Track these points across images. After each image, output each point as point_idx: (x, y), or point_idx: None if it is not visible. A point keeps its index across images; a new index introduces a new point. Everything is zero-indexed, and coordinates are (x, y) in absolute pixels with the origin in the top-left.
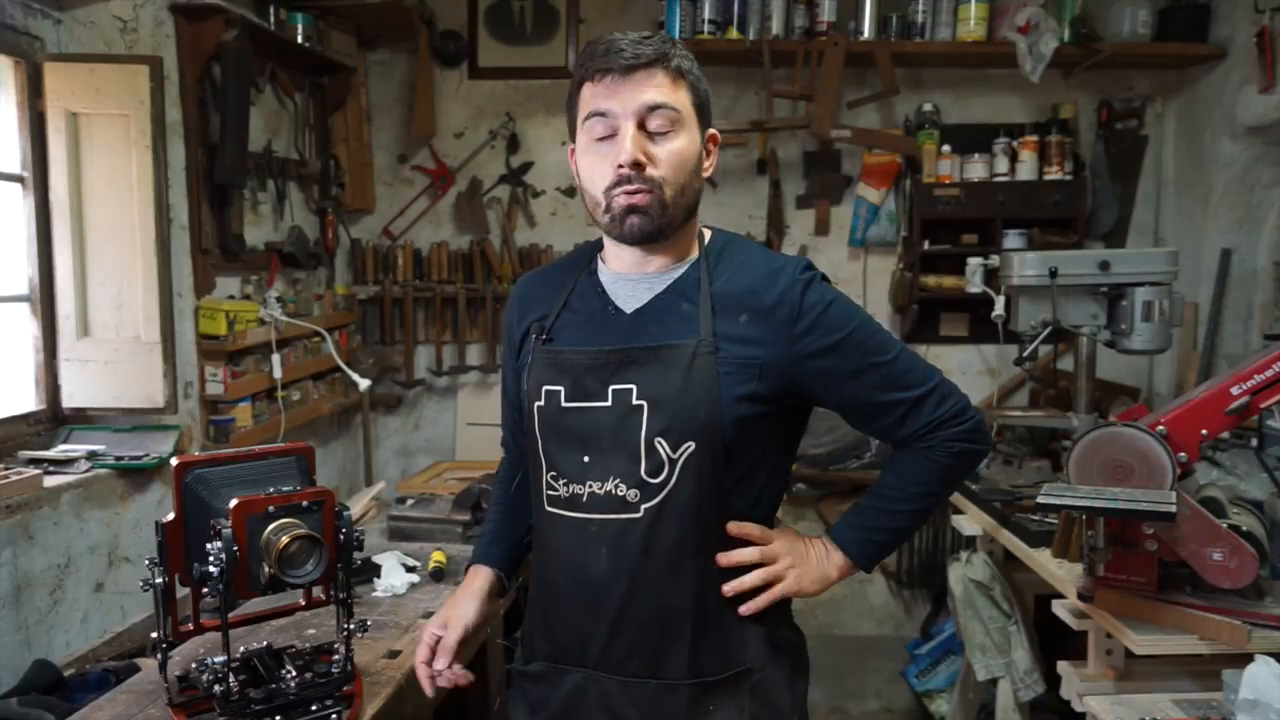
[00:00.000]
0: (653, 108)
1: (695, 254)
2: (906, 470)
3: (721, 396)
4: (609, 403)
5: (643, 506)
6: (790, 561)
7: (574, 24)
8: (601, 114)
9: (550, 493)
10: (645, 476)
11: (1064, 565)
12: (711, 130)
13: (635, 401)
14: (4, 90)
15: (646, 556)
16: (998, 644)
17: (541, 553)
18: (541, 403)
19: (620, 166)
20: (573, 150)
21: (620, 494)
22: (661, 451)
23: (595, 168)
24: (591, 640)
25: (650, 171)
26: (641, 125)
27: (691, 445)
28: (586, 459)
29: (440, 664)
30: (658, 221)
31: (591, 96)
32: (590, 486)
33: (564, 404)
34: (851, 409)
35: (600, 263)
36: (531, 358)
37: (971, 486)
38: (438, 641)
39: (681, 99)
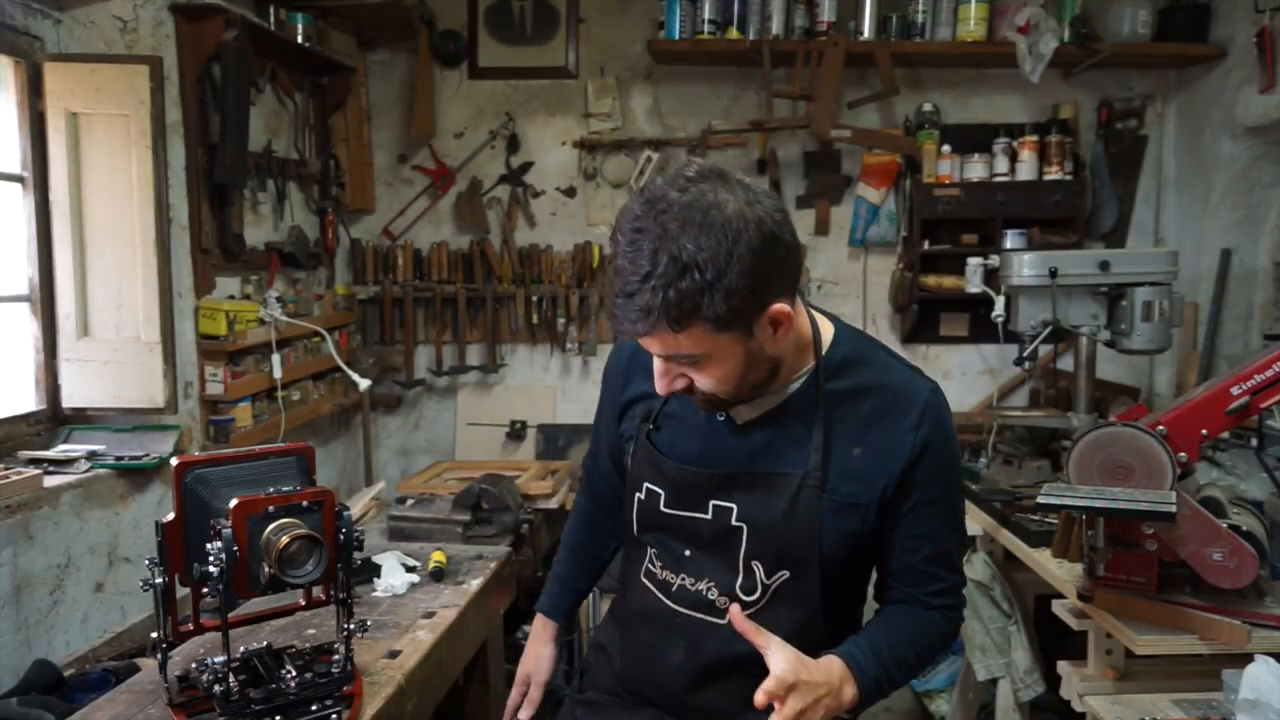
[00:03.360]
0: (668, 356)
1: (811, 363)
2: (926, 630)
3: (824, 534)
4: (709, 515)
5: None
6: (826, 701)
7: (574, 24)
8: None
9: (651, 565)
10: (739, 591)
11: (1064, 565)
12: (775, 308)
13: (734, 522)
14: (4, 90)
15: (725, 660)
16: (998, 644)
17: (624, 607)
18: (642, 496)
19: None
20: None
21: (711, 598)
22: (757, 573)
23: None
24: (670, 683)
25: (697, 387)
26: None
27: (786, 574)
28: (687, 553)
29: (525, 715)
30: (730, 407)
31: None
32: (683, 579)
33: (663, 508)
34: (899, 536)
35: None
36: (636, 444)
37: (971, 487)
38: (524, 692)
39: (696, 340)
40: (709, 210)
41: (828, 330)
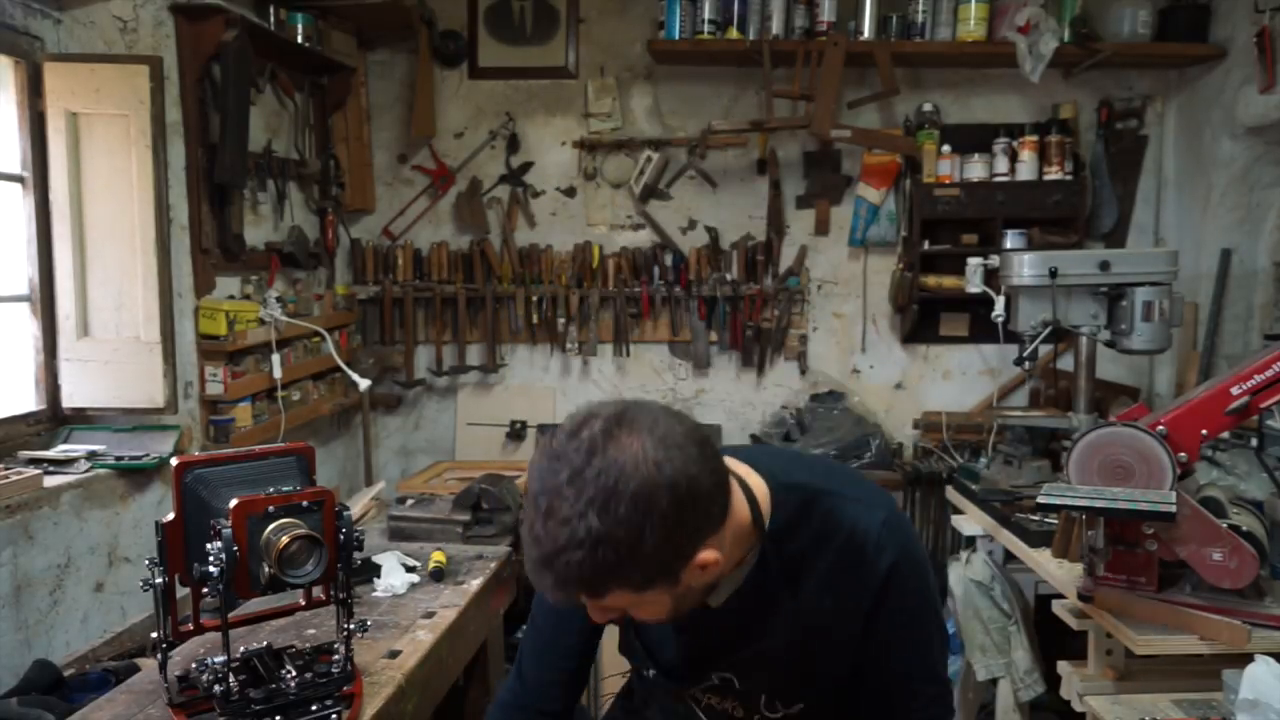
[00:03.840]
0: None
1: (756, 545)
2: None
3: (819, 675)
4: (715, 682)
5: None
6: None
7: (574, 24)
8: None
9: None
10: (764, 710)
11: (1064, 565)
12: (702, 556)
13: (739, 686)
14: (4, 90)
15: None
16: (998, 644)
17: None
18: (646, 676)
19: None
20: None
21: (738, 716)
22: (777, 706)
23: None
24: None
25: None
26: None
27: (801, 705)
28: (715, 679)
29: None
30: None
31: None
32: (708, 698)
33: (666, 683)
34: (877, 659)
35: None
36: (624, 642)
37: (972, 487)
38: None
39: (618, 598)
40: (617, 482)
41: (763, 494)
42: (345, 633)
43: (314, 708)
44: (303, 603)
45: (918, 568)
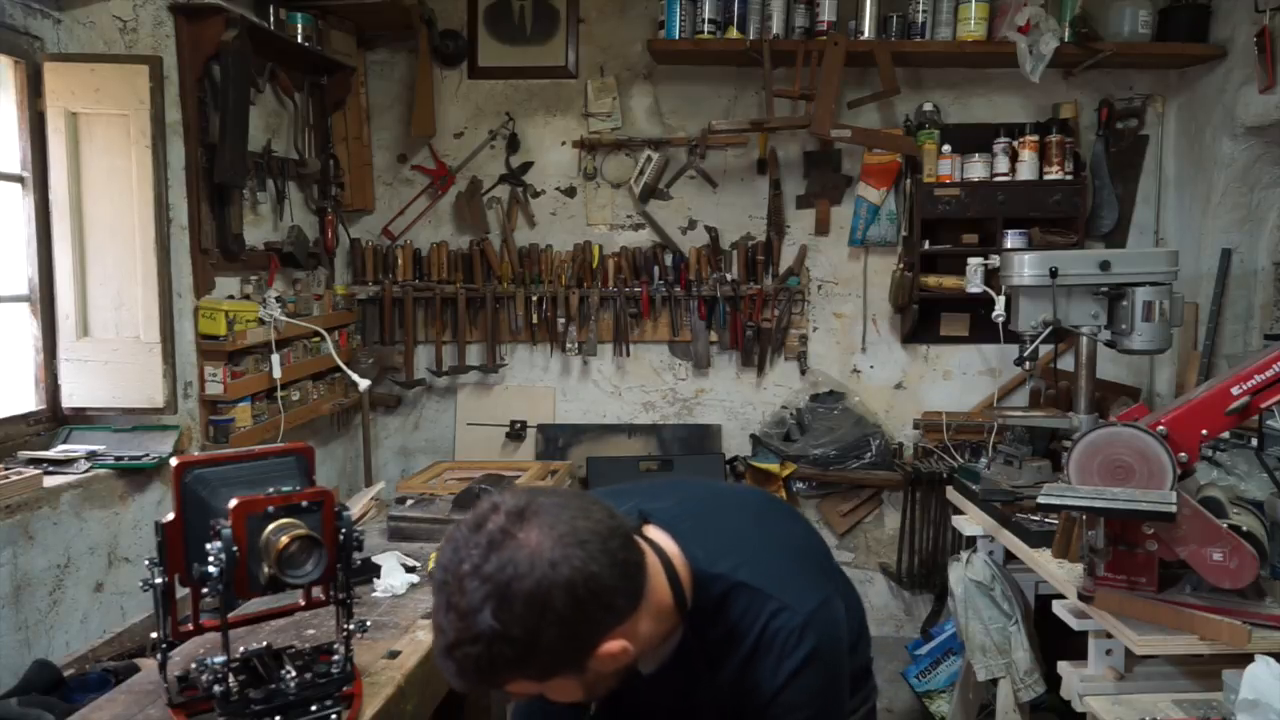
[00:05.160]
0: None
1: (679, 627)
2: None
3: None
4: None
5: None
6: None
7: (574, 24)
8: None
9: None
10: None
11: (1064, 565)
12: (606, 648)
13: None
14: (4, 90)
15: None
16: (998, 644)
17: None
18: None
19: None
20: None
21: None
22: None
23: None
24: None
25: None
26: None
27: None
28: None
29: None
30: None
31: None
32: None
33: None
34: None
35: None
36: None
37: (972, 487)
38: None
39: (523, 687)
40: (510, 583)
41: (686, 577)
42: (345, 633)
43: (314, 708)
44: (302, 603)
45: (820, 675)
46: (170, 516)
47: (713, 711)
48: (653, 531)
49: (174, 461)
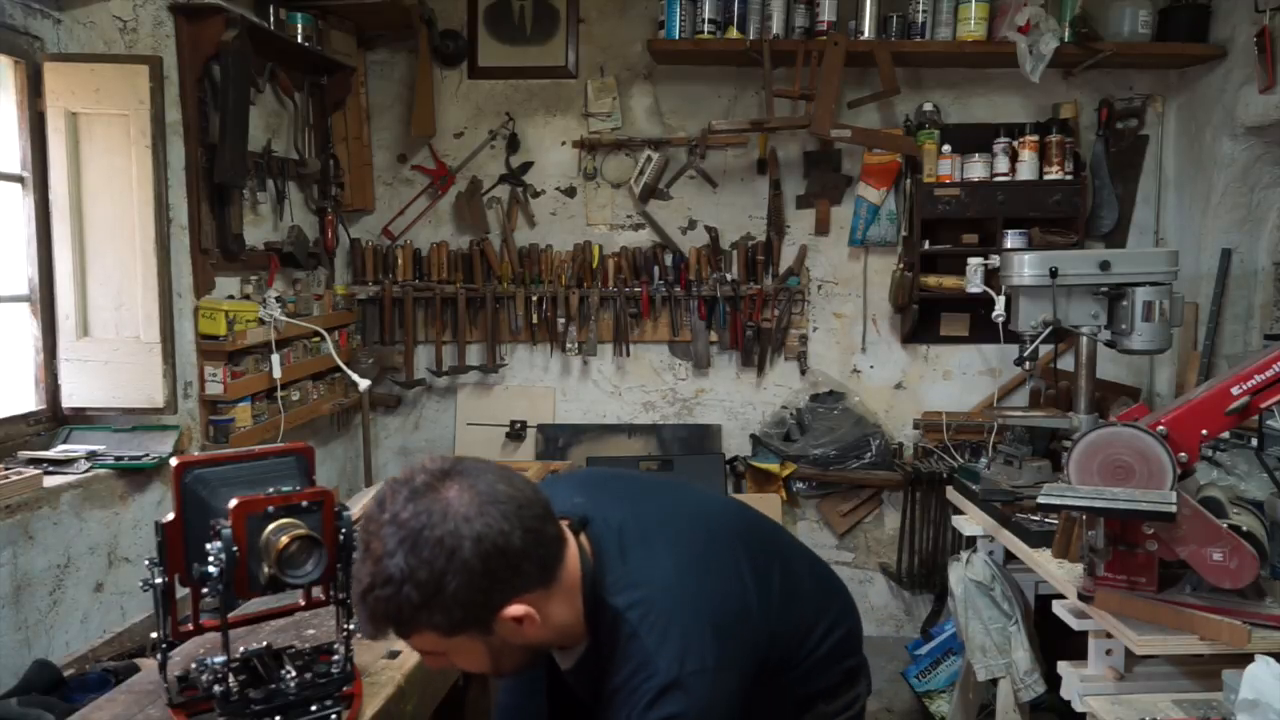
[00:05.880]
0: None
1: (585, 635)
2: None
3: None
4: None
5: None
6: None
7: (574, 24)
8: None
9: None
10: None
11: (1064, 565)
12: (511, 611)
13: None
14: (4, 90)
15: None
16: (998, 644)
17: None
18: None
19: None
20: None
21: None
22: None
23: None
24: None
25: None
26: None
27: None
28: None
29: None
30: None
31: None
32: None
33: None
34: None
35: None
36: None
37: (972, 487)
38: None
39: (430, 642)
40: (423, 530)
41: (595, 590)
42: (345, 633)
43: (314, 708)
44: (302, 603)
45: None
46: (170, 516)
47: None
48: (584, 541)
49: (174, 461)
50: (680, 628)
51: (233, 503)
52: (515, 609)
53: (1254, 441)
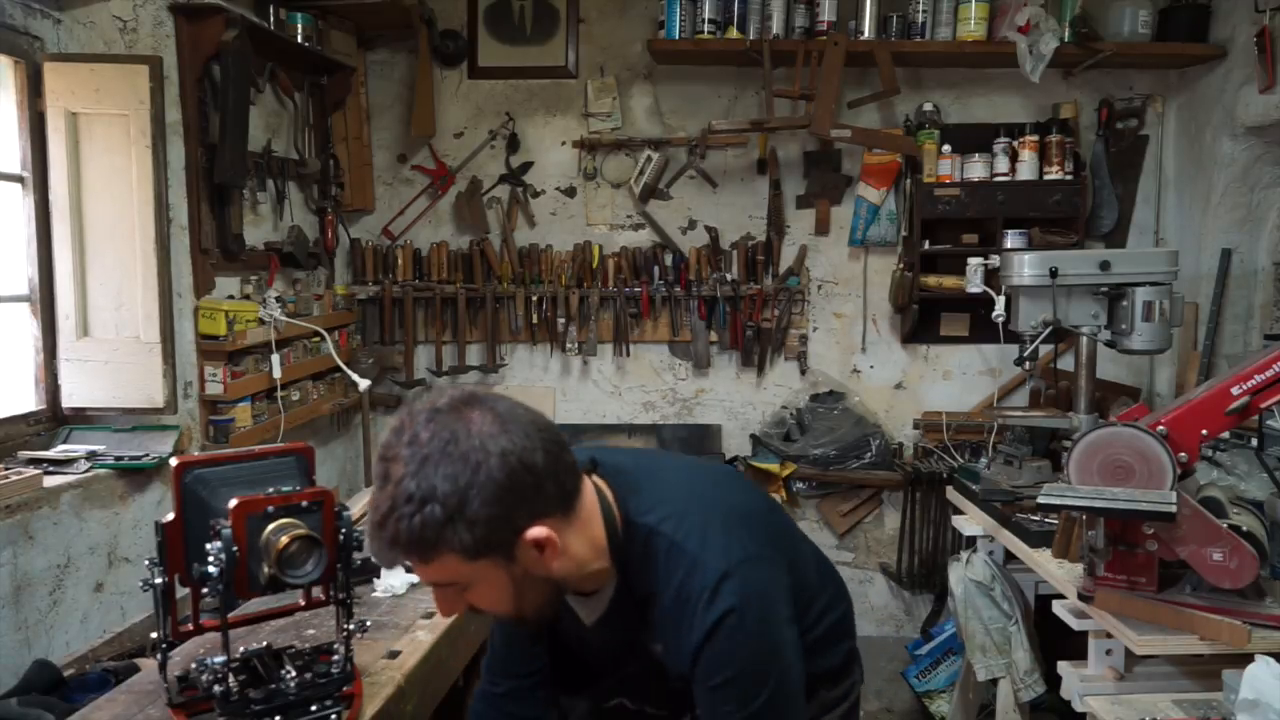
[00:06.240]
0: (433, 583)
1: (612, 572)
2: None
3: (693, 705)
4: (611, 704)
5: None
6: None
7: (574, 24)
8: None
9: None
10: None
11: (1064, 565)
12: (532, 534)
13: (633, 707)
14: (4, 90)
15: None
16: (998, 644)
17: None
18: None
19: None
20: None
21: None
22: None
23: None
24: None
25: (478, 609)
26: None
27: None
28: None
29: None
30: (526, 627)
31: None
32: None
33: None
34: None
35: None
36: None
37: (972, 487)
38: None
39: (451, 569)
40: (447, 444)
41: (619, 522)
42: (345, 633)
43: (314, 708)
44: (302, 603)
45: (745, 632)
46: (170, 516)
47: (648, 669)
48: (596, 479)
49: (174, 461)
50: (718, 526)
51: (233, 503)
52: (538, 530)
53: (1254, 441)
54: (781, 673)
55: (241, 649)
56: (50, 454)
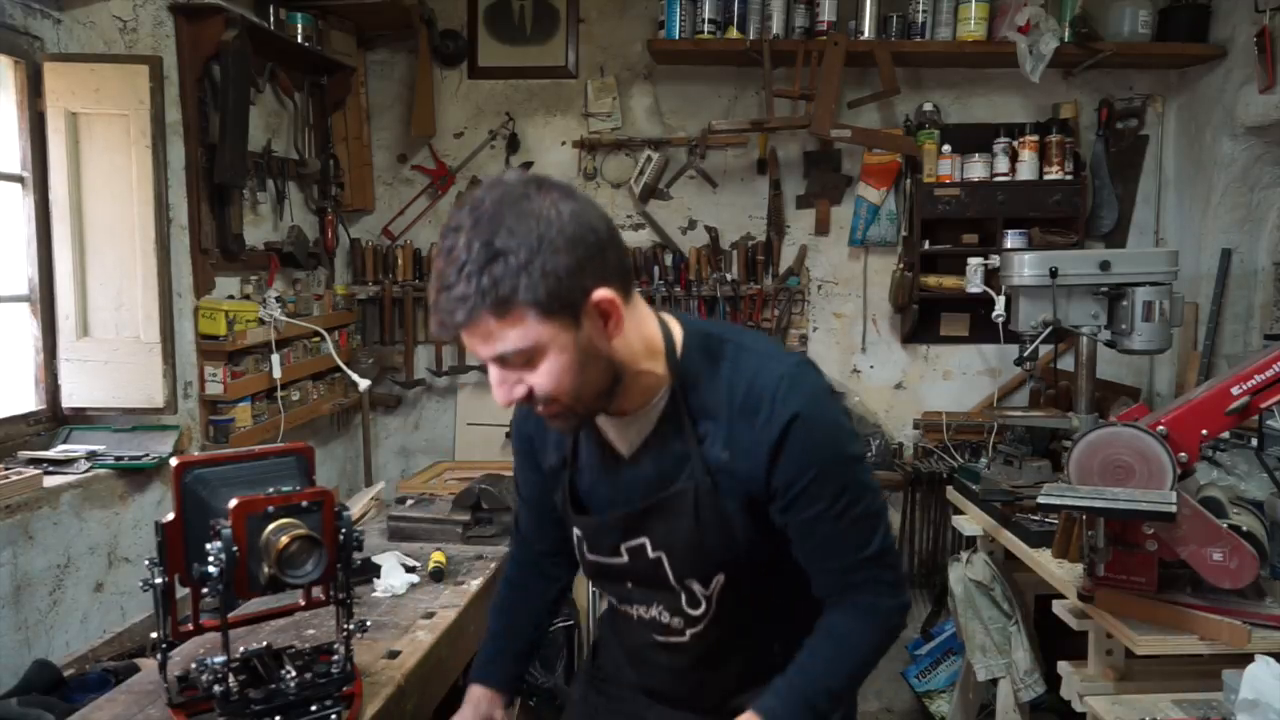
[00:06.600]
0: (499, 357)
1: (666, 382)
2: (847, 650)
3: (736, 534)
4: (625, 559)
5: (688, 632)
6: None
7: (574, 24)
8: None
9: (609, 599)
10: (685, 608)
11: (1064, 565)
12: (598, 295)
13: (652, 554)
14: (4, 90)
15: (697, 665)
16: (998, 644)
17: (604, 645)
18: (574, 539)
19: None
20: None
21: (664, 621)
22: (695, 589)
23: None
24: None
25: (536, 394)
26: (502, 363)
27: (721, 577)
28: (629, 585)
29: None
30: (575, 422)
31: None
32: (636, 610)
33: (588, 554)
34: (800, 545)
35: None
36: (563, 498)
37: (972, 487)
38: None
39: (520, 332)
40: (519, 201)
41: (679, 333)
42: (345, 633)
43: (314, 708)
44: (302, 603)
45: (824, 422)
46: (170, 516)
47: (693, 496)
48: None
49: (174, 461)
50: (766, 339)
51: (233, 503)
52: (604, 292)
53: (1254, 441)
54: (859, 462)
55: (241, 649)
56: (50, 454)
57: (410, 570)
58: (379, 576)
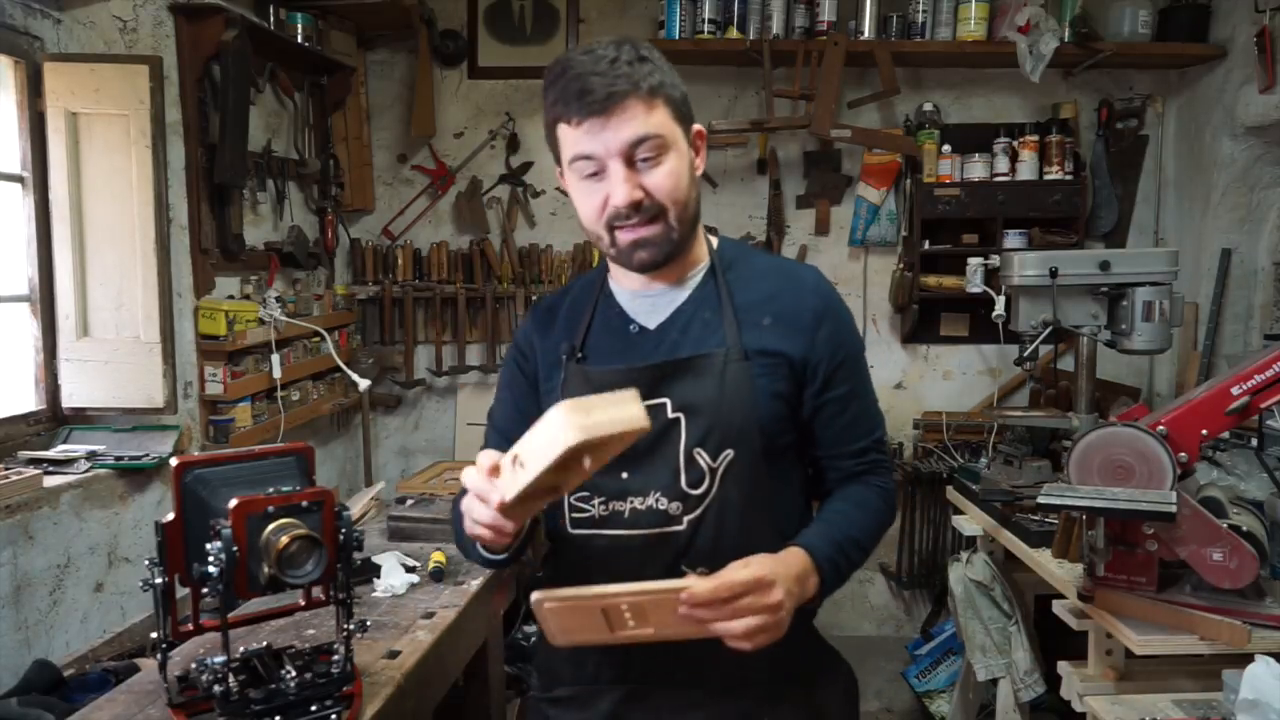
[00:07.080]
0: (636, 142)
1: (706, 260)
2: (867, 511)
3: (757, 399)
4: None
5: (685, 518)
6: (786, 588)
7: (574, 24)
8: (587, 156)
9: (578, 514)
10: (686, 488)
11: (1064, 565)
12: (697, 126)
13: (671, 415)
14: (4, 90)
15: (689, 560)
16: (998, 644)
17: (562, 577)
18: None
19: (618, 207)
20: (562, 174)
21: (662, 508)
22: (701, 462)
23: (590, 204)
24: (633, 653)
25: (648, 203)
26: (630, 159)
27: (731, 453)
28: (625, 475)
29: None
30: (665, 250)
31: (573, 140)
32: (631, 503)
33: None
34: (825, 427)
35: (612, 283)
36: (565, 378)
37: (972, 487)
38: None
39: (661, 120)
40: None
41: (714, 238)
42: (345, 633)
43: (314, 708)
44: (302, 603)
45: (849, 316)
46: (170, 516)
47: (721, 360)
48: None
49: (174, 461)
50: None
51: (233, 503)
52: (699, 126)
53: (1254, 441)
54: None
55: (241, 649)
56: (50, 454)
57: (410, 570)
58: (379, 576)
